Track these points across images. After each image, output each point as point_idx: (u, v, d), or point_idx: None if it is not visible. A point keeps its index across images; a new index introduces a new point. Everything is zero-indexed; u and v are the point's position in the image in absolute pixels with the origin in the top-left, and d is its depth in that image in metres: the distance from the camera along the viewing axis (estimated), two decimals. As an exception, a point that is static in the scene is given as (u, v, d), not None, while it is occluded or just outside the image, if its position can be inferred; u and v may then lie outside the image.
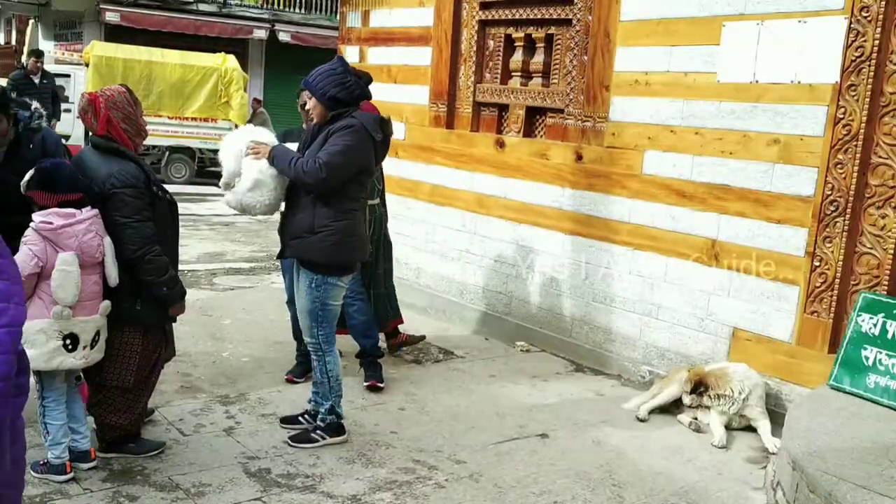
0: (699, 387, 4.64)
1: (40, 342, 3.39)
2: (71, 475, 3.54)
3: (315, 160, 3.84)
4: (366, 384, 4.98)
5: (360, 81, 4.03)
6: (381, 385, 4.99)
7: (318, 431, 4.14)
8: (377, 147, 4.08)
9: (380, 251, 5.30)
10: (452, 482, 3.84)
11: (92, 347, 3.55)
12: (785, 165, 4.69)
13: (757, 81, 4.79)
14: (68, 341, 3.45)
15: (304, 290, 4.08)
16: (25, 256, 3.34)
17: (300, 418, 4.32)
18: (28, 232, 3.40)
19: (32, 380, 3.60)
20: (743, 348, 4.92)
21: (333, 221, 3.95)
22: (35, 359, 3.38)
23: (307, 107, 4.14)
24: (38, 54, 10.85)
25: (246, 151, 3.98)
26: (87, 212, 3.48)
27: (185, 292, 3.82)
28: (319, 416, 4.19)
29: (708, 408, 4.64)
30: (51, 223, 3.39)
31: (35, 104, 4.23)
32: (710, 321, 5.08)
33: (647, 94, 5.35)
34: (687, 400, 4.69)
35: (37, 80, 10.14)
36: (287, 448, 4.04)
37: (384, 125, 4.10)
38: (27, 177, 3.47)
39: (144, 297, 3.66)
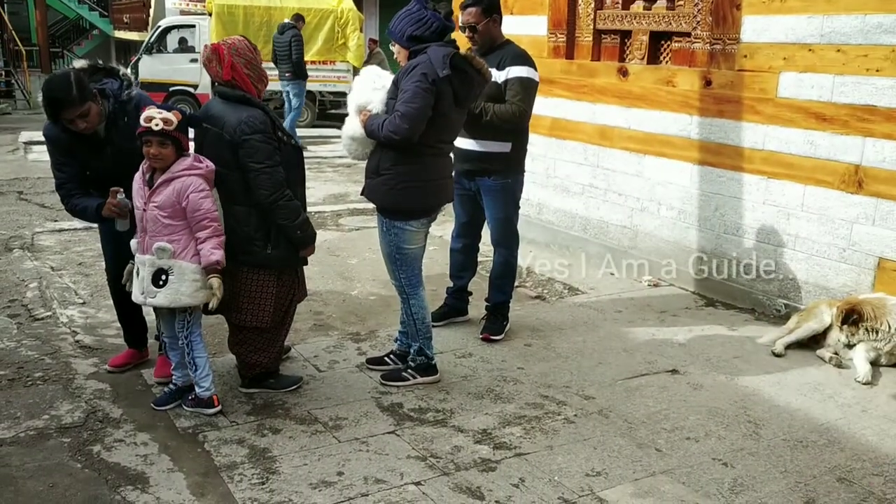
0: (851, 315, 4.38)
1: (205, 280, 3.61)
2: (219, 408, 3.75)
3: (394, 115, 3.72)
4: (480, 335, 4.78)
5: (437, 14, 3.83)
6: (496, 338, 4.75)
7: (409, 371, 4.16)
8: (455, 84, 3.79)
9: None
10: (581, 417, 3.84)
11: None
12: (940, 81, 4.31)
13: (908, -10, 4.39)
14: None
15: (380, 234, 4.07)
16: (211, 202, 3.55)
17: (385, 359, 4.35)
18: (195, 179, 3.52)
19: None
20: (890, 280, 4.62)
21: (395, 165, 3.84)
22: (207, 295, 3.59)
23: (395, 56, 3.99)
24: (299, 18, 12.66)
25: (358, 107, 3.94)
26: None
27: (315, 235, 3.90)
28: (409, 357, 4.20)
29: (851, 345, 4.40)
30: (208, 165, 3.60)
31: (123, 69, 3.94)
32: (853, 251, 4.80)
33: (781, 12, 5.00)
34: (843, 337, 4.40)
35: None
36: (418, 384, 4.13)
37: (456, 60, 3.77)
38: (172, 117, 3.47)
39: (274, 242, 3.76)
